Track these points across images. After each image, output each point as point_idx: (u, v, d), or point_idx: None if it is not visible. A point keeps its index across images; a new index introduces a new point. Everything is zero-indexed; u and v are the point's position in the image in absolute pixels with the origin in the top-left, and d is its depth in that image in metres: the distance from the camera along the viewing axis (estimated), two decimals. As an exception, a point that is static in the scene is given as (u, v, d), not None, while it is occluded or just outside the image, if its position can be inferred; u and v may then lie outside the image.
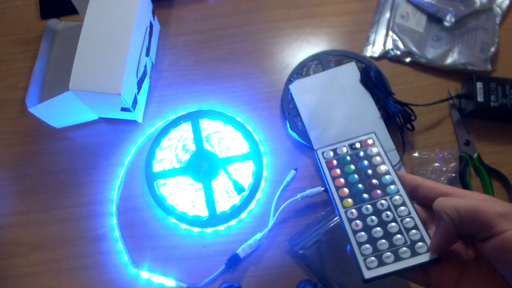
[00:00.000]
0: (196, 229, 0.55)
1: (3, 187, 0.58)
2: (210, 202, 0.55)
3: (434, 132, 0.60)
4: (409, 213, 0.33)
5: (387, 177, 0.36)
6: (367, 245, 0.32)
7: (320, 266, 0.51)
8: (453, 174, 0.56)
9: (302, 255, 0.52)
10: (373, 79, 0.58)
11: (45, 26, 0.64)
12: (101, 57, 0.52)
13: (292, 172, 0.56)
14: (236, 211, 0.55)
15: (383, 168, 0.36)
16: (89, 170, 0.59)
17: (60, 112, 0.57)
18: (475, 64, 0.61)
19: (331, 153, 0.39)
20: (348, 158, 0.38)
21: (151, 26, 0.61)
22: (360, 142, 0.39)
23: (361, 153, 0.38)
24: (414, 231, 0.32)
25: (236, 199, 0.56)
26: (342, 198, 0.35)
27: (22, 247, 0.55)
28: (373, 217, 0.33)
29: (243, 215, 0.55)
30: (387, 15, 0.65)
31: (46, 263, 0.55)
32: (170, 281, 0.52)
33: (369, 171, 0.36)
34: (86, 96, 0.53)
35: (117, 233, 0.55)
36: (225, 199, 0.56)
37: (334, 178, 0.36)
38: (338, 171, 0.37)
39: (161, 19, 0.65)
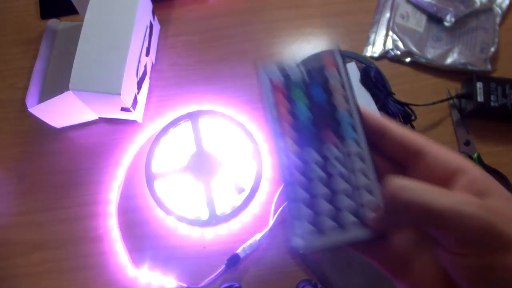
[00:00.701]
0: (196, 229, 0.55)
1: (3, 187, 0.58)
2: (210, 202, 0.55)
3: (434, 132, 0.60)
4: (365, 169, 0.25)
5: (346, 114, 0.27)
6: (305, 205, 0.25)
7: (320, 266, 0.51)
8: (453, 174, 0.56)
9: (302, 255, 0.52)
10: (373, 79, 0.58)
11: (45, 26, 0.64)
12: (101, 57, 0.52)
13: (292, 172, 0.56)
14: (236, 211, 0.55)
15: (342, 102, 0.27)
16: (89, 170, 0.59)
17: (60, 112, 0.57)
18: (475, 64, 0.61)
19: (279, 74, 0.29)
20: (300, 84, 0.28)
21: (151, 26, 0.61)
22: (319, 61, 0.29)
23: (319, 79, 0.28)
24: (365, 191, 0.25)
25: (236, 199, 0.56)
26: (282, 135, 0.26)
27: (22, 247, 0.55)
28: (315, 167, 0.26)
29: (243, 215, 0.55)
30: (387, 15, 0.65)
31: (46, 263, 0.55)
32: (170, 281, 0.52)
33: (323, 104, 0.27)
34: (86, 96, 0.53)
35: (117, 233, 0.55)
36: (225, 199, 0.56)
37: (275, 105, 0.28)
38: (282, 97, 0.28)
39: (161, 19, 0.65)
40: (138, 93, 0.57)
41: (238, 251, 0.53)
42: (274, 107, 0.27)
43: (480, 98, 0.57)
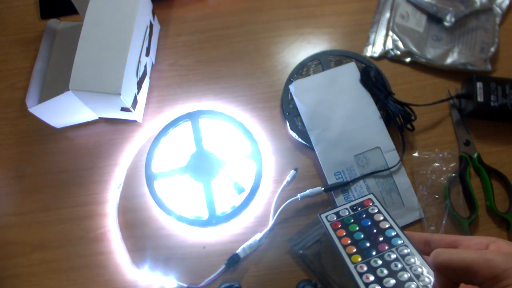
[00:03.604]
0: (196, 229, 0.55)
1: (3, 187, 0.58)
2: (210, 202, 0.55)
3: (434, 132, 0.60)
4: (417, 260, 0.34)
5: (391, 231, 0.37)
6: None
7: (320, 266, 0.51)
8: (453, 174, 0.56)
9: (302, 255, 0.52)
10: (373, 79, 0.58)
11: (45, 26, 0.64)
12: (101, 57, 0.52)
13: (292, 172, 0.56)
14: (236, 211, 0.55)
15: (385, 224, 0.38)
16: (89, 170, 0.59)
17: (60, 112, 0.57)
18: (475, 64, 0.61)
19: (335, 216, 0.41)
20: (351, 219, 0.40)
21: (151, 26, 0.61)
22: (361, 203, 0.41)
23: (363, 214, 0.40)
24: (424, 276, 0.33)
25: (236, 199, 0.56)
26: (350, 255, 0.36)
27: (22, 247, 0.55)
28: (383, 268, 0.34)
29: (243, 215, 0.55)
30: (387, 15, 0.65)
31: (46, 263, 0.55)
32: (170, 281, 0.52)
33: (373, 228, 0.38)
34: (86, 96, 0.53)
35: (117, 233, 0.55)
36: (225, 199, 0.56)
37: (340, 238, 0.38)
38: (343, 231, 0.39)
39: (161, 19, 0.65)
40: (138, 93, 0.57)
41: (238, 251, 0.53)
42: (339, 240, 0.38)
43: (480, 98, 0.57)
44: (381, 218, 0.39)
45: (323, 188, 0.54)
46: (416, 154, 0.58)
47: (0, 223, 0.57)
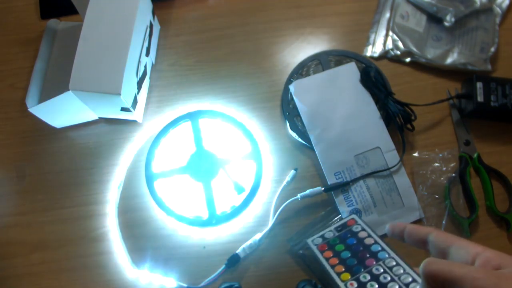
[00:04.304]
0: (196, 229, 0.55)
1: (3, 187, 0.58)
2: (210, 202, 0.55)
3: (434, 132, 0.60)
4: (405, 270, 0.35)
5: (376, 246, 0.38)
6: None
7: (320, 266, 0.51)
8: (453, 174, 0.56)
9: (302, 255, 0.52)
10: (373, 79, 0.58)
11: (45, 26, 0.64)
12: (101, 57, 0.52)
13: (292, 172, 0.56)
14: (236, 211, 0.55)
15: (370, 240, 0.39)
16: (89, 170, 0.59)
17: (60, 112, 0.57)
18: (475, 64, 0.61)
19: (320, 239, 0.42)
20: (337, 240, 0.41)
21: (151, 26, 0.61)
22: (344, 224, 0.43)
23: (348, 233, 0.41)
24: (413, 284, 0.34)
25: (236, 199, 0.56)
26: (339, 274, 0.37)
27: (22, 247, 0.55)
28: (372, 282, 0.35)
29: (243, 215, 0.55)
30: (387, 15, 0.65)
31: (47, 263, 0.55)
32: (170, 281, 0.52)
33: (359, 245, 0.39)
34: (86, 96, 0.53)
35: (117, 233, 0.55)
36: (225, 199, 0.56)
37: (327, 259, 0.39)
38: (330, 252, 0.40)
39: (161, 19, 0.65)
40: (138, 93, 0.57)
41: (238, 251, 0.53)
42: (327, 262, 0.39)
43: (480, 98, 0.57)
44: (366, 235, 0.40)
45: (323, 188, 0.54)
46: (416, 154, 0.58)
47: (0, 223, 0.57)
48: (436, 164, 0.57)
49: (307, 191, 0.54)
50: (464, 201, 0.55)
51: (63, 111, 0.57)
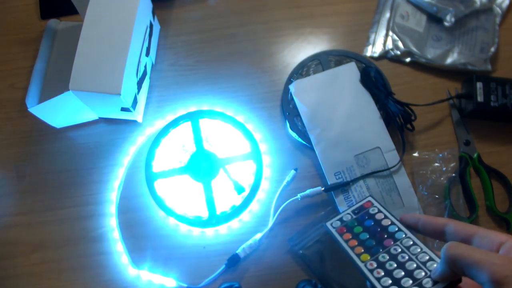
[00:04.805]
0: (196, 229, 0.55)
1: (3, 187, 0.58)
2: (210, 202, 0.55)
3: (434, 132, 0.60)
4: (422, 249, 0.36)
5: (393, 226, 0.40)
6: (394, 287, 0.35)
7: (320, 266, 0.51)
8: (453, 174, 0.56)
9: (302, 255, 0.52)
10: (373, 79, 0.58)
11: (45, 26, 0.64)
12: (101, 57, 0.52)
13: (292, 172, 0.56)
14: (236, 211, 0.55)
15: (387, 221, 0.41)
16: (89, 170, 0.59)
17: (60, 112, 0.57)
18: (475, 64, 0.61)
19: (339, 222, 0.43)
20: (355, 222, 0.42)
21: (151, 26, 0.61)
22: (361, 206, 0.44)
23: (365, 215, 0.43)
24: (430, 262, 0.35)
25: (236, 199, 0.56)
26: (358, 255, 0.39)
27: (22, 247, 0.55)
28: (391, 262, 0.36)
29: (243, 215, 0.55)
30: (387, 15, 0.65)
31: (47, 263, 0.55)
32: (170, 281, 0.52)
33: (376, 227, 0.41)
34: (86, 96, 0.53)
35: (117, 233, 0.55)
36: (225, 199, 0.56)
37: (347, 241, 0.41)
38: (349, 234, 0.41)
39: (161, 19, 0.65)
40: (138, 93, 0.57)
41: (238, 251, 0.53)
42: (347, 244, 0.40)
43: (480, 98, 0.57)
44: (382, 216, 0.41)
45: (323, 188, 0.54)
46: (416, 154, 0.58)
47: (0, 223, 0.57)
48: (436, 164, 0.57)
49: (307, 191, 0.54)
50: (464, 201, 0.55)
51: (63, 111, 0.56)
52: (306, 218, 0.55)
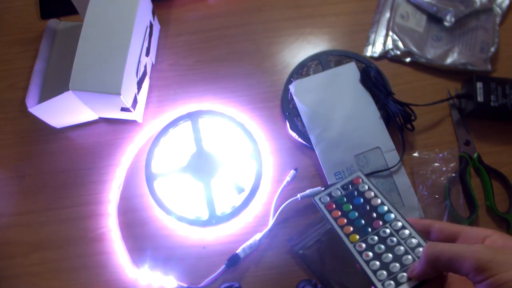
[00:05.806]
0: (196, 229, 0.55)
1: (3, 187, 0.58)
2: (210, 202, 0.55)
3: (434, 132, 0.60)
4: (410, 233, 0.36)
5: (383, 207, 0.39)
6: (382, 271, 0.35)
7: (320, 266, 0.51)
8: (453, 174, 0.56)
9: (302, 255, 0.52)
10: (373, 79, 0.58)
11: (45, 26, 0.64)
12: (101, 57, 0.52)
13: (292, 172, 0.56)
14: (236, 211, 0.55)
15: (377, 200, 0.40)
16: (89, 170, 0.59)
17: (60, 112, 0.57)
18: (475, 64, 0.61)
19: (328, 198, 0.42)
20: (344, 198, 0.42)
21: (151, 26, 0.61)
22: (350, 182, 0.43)
23: (355, 192, 0.42)
24: (418, 248, 0.35)
25: (236, 199, 0.56)
26: (347, 235, 0.38)
27: (22, 247, 0.55)
28: (380, 245, 0.36)
29: (243, 215, 0.55)
30: (387, 15, 0.65)
31: (46, 263, 0.55)
32: (170, 281, 0.52)
33: (366, 205, 0.40)
34: (86, 96, 0.53)
35: (117, 233, 0.55)
36: (225, 199, 0.56)
37: (336, 219, 0.40)
38: (338, 212, 0.41)
39: (161, 19, 0.65)
40: (138, 93, 0.57)
41: (238, 251, 0.53)
42: (335, 221, 0.40)
43: (480, 98, 0.57)
44: (372, 194, 0.41)
45: (323, 188, 0.54)
46: (416, 154, 0.58)
47: (0, 223, 0.57)
48: (436, 164, 0.57)
49: (307, 191, 0.54)
50: (464, 201, 0.55)
51: (63, 111, 0.56)
52: (306, 218, 0.55)
